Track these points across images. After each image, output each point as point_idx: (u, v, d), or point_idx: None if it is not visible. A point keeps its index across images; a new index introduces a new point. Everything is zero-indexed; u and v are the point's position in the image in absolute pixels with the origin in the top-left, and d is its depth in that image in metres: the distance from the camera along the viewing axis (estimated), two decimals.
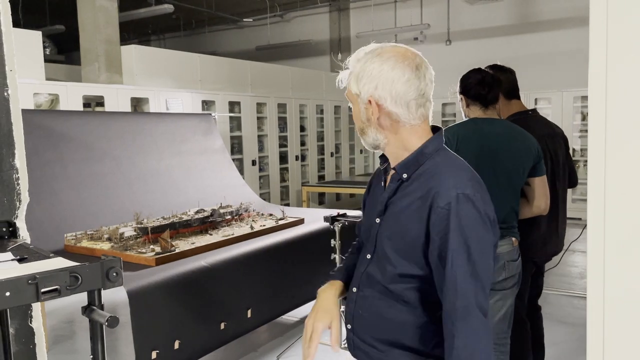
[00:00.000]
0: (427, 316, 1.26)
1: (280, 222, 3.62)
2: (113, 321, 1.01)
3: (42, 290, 0.97)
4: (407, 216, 1.24)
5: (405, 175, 1.28)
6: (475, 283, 1.15)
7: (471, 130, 2.21)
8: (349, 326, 1.40)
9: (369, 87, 1.26)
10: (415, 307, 1.27)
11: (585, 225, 3.57)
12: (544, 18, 8.55)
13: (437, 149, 1.28)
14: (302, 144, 8.55)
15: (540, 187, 2.26)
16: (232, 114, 7.15)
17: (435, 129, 1.32)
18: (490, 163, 2.11)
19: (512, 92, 2.61)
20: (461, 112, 2.41)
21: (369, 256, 1.35)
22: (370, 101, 1.26)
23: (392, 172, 1.33)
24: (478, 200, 1.18)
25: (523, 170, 2.19)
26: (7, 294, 0.94)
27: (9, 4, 1.64)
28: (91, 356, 1.09)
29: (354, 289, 1.38)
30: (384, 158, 1.40)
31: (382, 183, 1.38)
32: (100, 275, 1.05)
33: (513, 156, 2.17)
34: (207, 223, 3.39)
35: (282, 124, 8.11)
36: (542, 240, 2.52)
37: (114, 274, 1.07)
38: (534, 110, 2.67)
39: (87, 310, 1.07)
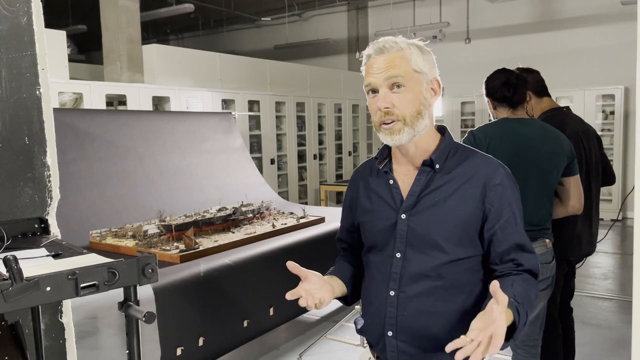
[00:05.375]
0: (477, 298, 1.31)
1: (302, 221, 3.62)
2: (150, 317, 1.01)
3: (81, 285, 0.98)
4: (456, 201, 1.30)
5: (437, 166, 1.33)
6: (526, 236, 1.35)
7: (503, 130, 2.17)
8: (391, 333, 1.34)
9: (432, 69, 1.32)
10: (467, 290, 1.31)
11: (611, 227, 3.50)
12: (565, 16, 8.42)
13: (454, 141, 1.40)
14: (320, 142, 8.55)
15: (574, 186, 2.21)
16: (251, 113, 7.18)
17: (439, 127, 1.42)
18: (524, 164, 2.07)
19: (542, 89, 2.58)
20: (481, 110, 2.38)
21: (399, 255, 1.32)
22: (438, 81, 1.34)
23: (412, 165, 1.36)
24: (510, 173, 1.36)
25: (557, 170, 2.15)
26: (48, 289, 0.95)
27: (40, 3, 1.66)
28: (127, 351, 1.10)
29: (392, 293, 1.33)
30: (382, 155, 1.41)
31: (391, 181, 1.37)
32: (136, 271, 1.06)
33: (547, 156, 2.12)
34: (229, 221, 3.40)
35: (301, 122, 8.11)
36: (578, 239, 2.48)
37: (150, 270, 1.08)
38: (568, 108, 2.63)
39: (123, 306, 1.08)
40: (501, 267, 1.31)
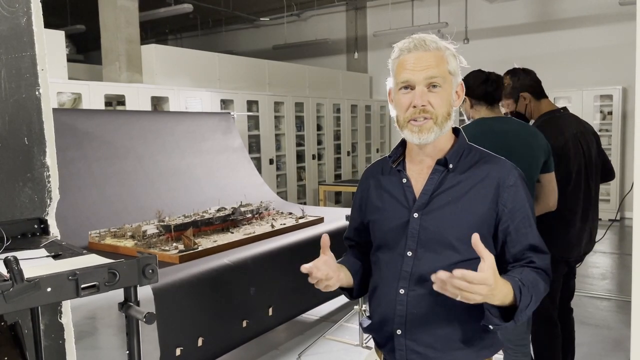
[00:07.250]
0: None
1: (301, 221, 3.63)
2: (151, 318, 1.02)
3: (82, 286, 0.98)
4: (469, 201, 1.31)
5: (451, 165, 1.33)
6: (539, 236, 1.35)
7: (482, 129, 2.18)
8: (399, 331, 1.34)
9: (459, 73, 1.34)
10: None
11: (609, 227, 3.51)
12: (563, 16, 8.44)
13: (468, 142, 1.40)
14: (319, 142, 8.55)
15: (550, 183, 2.23)
16: (250, 113, 7.17)
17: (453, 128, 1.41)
18: None
19: (541, 91, 2.57)
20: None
21: (410, 253, 1.32)
22: (462, 85, 1.36)
23: (425, 165, 1.36)
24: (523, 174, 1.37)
25: (537, 166, 2.16)
26: (49, 289, 0.95)
27: (40, 4, 1.66)
28: (127, 352, 1.10)
29: (402, 291, 1.33)
30: (396, 154, 1.42)
31: (404, 180, 1.38)
32: (137, 272, 1.06)
33: (526, 153, 2.12)
34: (228, 221, 3.40)
35: (299, 122, 8.11)
36: (577, 239, 2.48)
37: (150, 270, 1.08)
38: (565, 109, 2.63)
39: (124, 306, 1.08)
40: (514, 264, 1.32)
